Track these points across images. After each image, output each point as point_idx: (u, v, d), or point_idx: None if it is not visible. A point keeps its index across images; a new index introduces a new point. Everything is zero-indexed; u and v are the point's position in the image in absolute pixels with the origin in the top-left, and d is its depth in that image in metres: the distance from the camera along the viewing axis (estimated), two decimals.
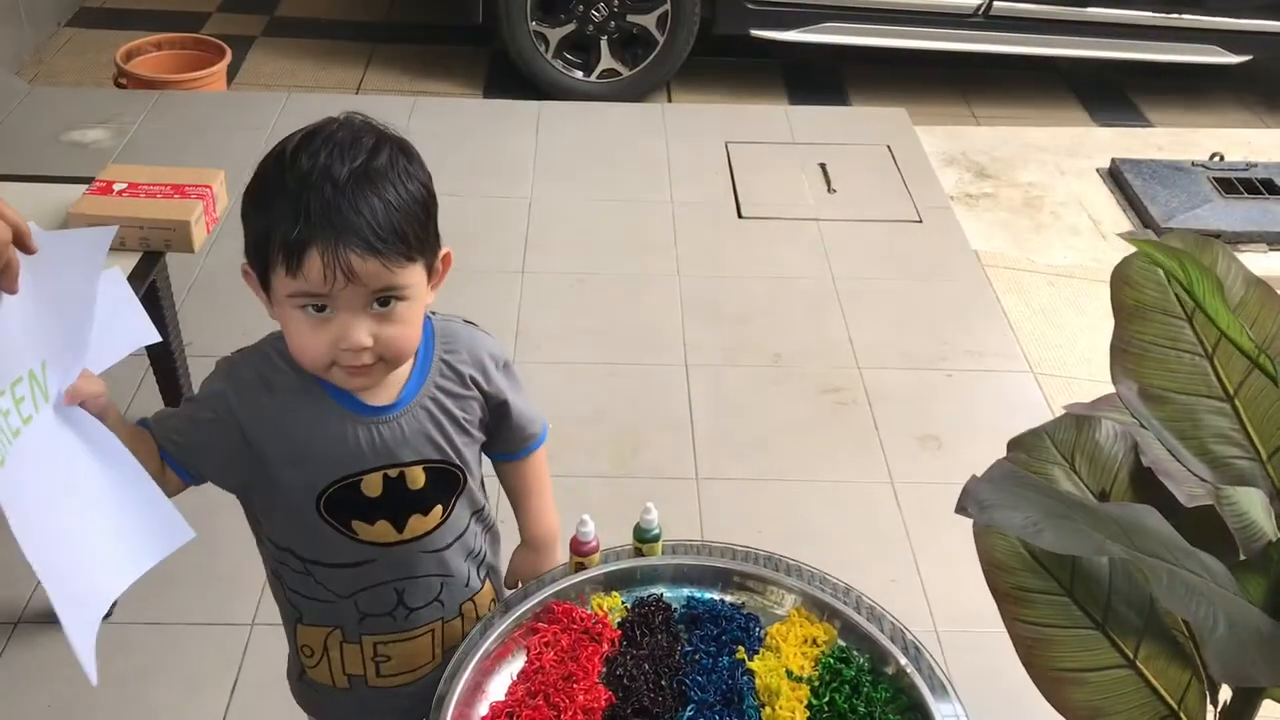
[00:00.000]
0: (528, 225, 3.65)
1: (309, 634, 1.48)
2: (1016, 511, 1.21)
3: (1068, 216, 3.96)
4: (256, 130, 4.04)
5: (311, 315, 1.21)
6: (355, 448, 1.34)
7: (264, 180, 1.22)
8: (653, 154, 4.07)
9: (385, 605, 1.45)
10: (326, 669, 1.50)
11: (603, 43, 4.68)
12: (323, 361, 1.24)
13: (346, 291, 1.19)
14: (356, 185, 1.18)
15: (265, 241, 1.19)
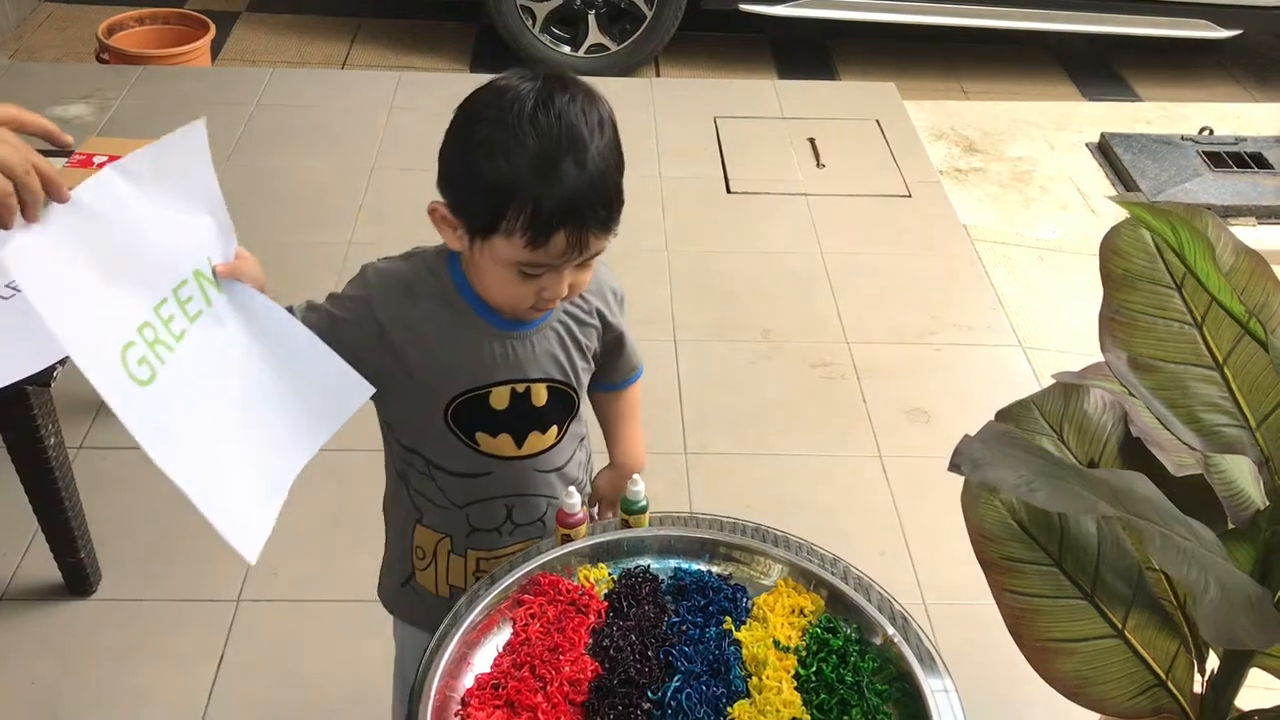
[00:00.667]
0: None
1: (426, 535, 1.56)
2: (1010, 470, 1.20)
3: (1057, 191, 3.95)
4: (241, 106, 4.01)
5: (525, 275, 1.31)
6: (489, 359, 1.42)
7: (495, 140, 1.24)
8: (641, 129, 4.05)
9: (494, 520, 1.53)
10: (433, 575, 1.58)
11: (590, 17, 4.64)
12: (525, 306, 1.36)
13: (570, 261, 1.29)
14: (594, 164, 1.25)
15: (502, 209, 1.24)
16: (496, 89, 1.28)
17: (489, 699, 1.30)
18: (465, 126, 1.28)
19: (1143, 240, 1.59)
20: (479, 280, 1.37)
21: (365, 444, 2.63)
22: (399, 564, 1.64)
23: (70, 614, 2.25)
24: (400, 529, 1.60)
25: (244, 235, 3.52)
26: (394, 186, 3.66)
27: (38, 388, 1.95)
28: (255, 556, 1.26)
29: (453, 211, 1.32)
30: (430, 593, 1.60)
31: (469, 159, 1.26)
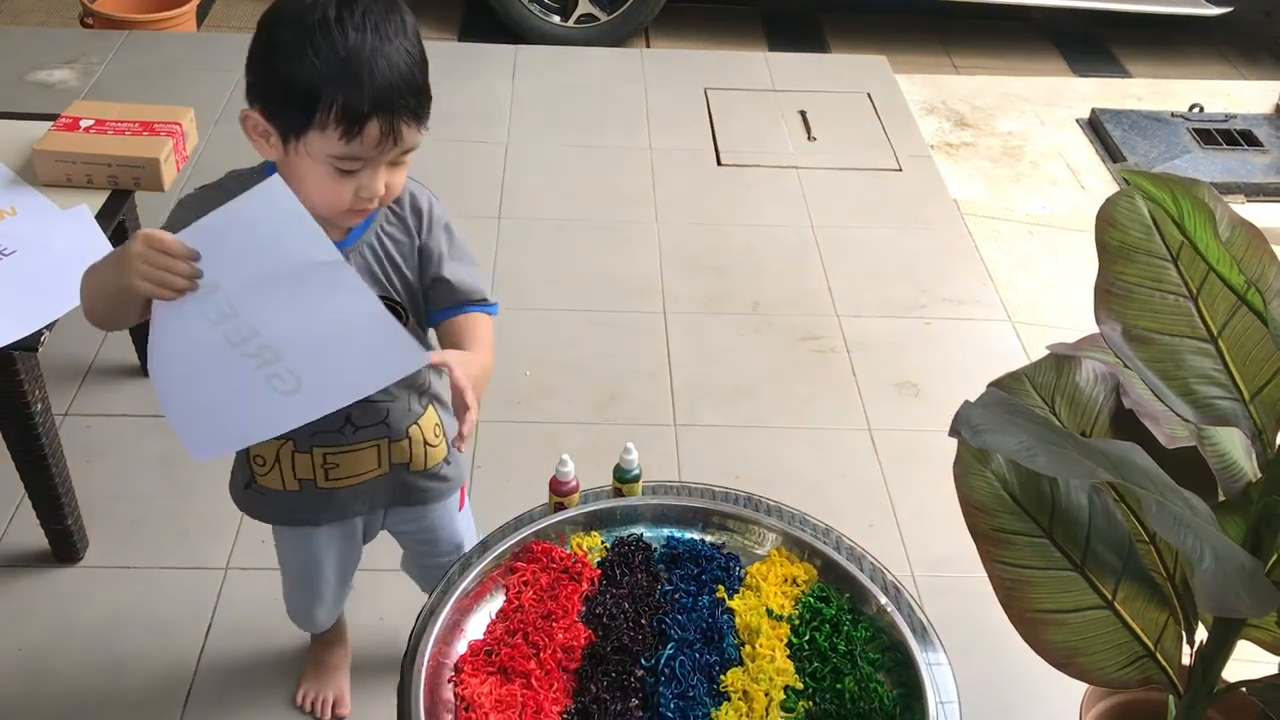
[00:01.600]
0: (504, 171, 3.61)
1: (263, 445, 1.60)
2: (1009, 436, 1.20)
3: (1047, 166, 3.95)
4: (227, 73, 3.96)
5: (340, 172, 1.34)
6: None
7: (303, 41, 1.29)
8: (631, 100, 4.02)
9: (334, 424, 1.57)
10: (278, 475, 1.64)
11: None
12: (343, 208, 1.38)
13: (384, 153, 1.33)
14: (400, 57, 1.31)
15: (311, 105, 1.29)
16: None
17: (482, 665, 1.31)
18: (269, 32, 1.33)
19: (1139, 212, 1.59)
20: (297, 186, 1.33)
21: None
22: (240, 471, 1.71)
23: (58, 581, 2.24)
24: None
25: None
26: None
27: (24, 353, 1.93)
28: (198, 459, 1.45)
29: (266, 117, 1.35)
30: (276, 490, 1.67)
31: (277, 62, 1.31)
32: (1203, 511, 1.34)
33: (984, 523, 1.57)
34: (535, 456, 2.57)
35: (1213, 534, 1.20)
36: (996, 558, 1.53)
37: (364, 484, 1.67)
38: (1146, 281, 1.54)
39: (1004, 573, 1.53)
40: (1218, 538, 1.20)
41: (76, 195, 2.17)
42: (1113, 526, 1.57)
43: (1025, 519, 1.59)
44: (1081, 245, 3.51)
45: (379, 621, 2.20)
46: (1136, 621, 1.53)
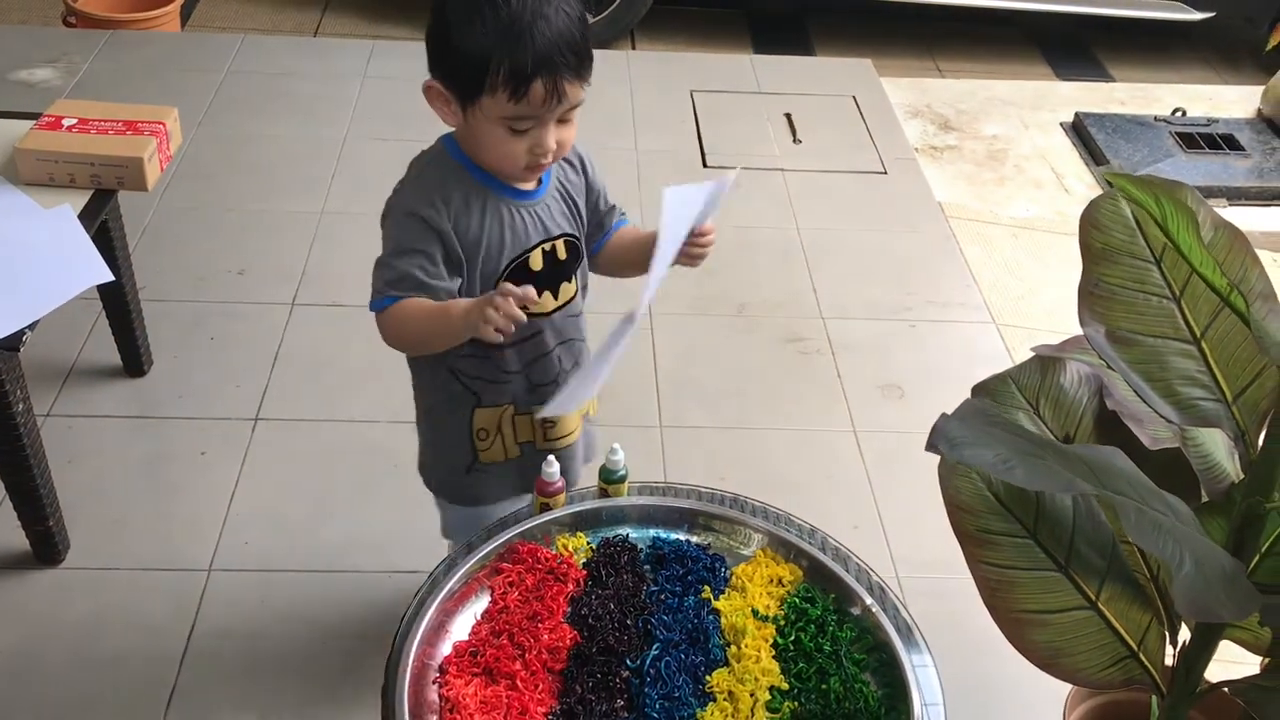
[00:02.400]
0: None
1: (486, 415, 1.72)
2: (987, 449, 1.20)
3: (1031, 169, 3.96)
4: (211, 73, 3.95)
5: (513, 131, 1.47)
6: (523, 228, 1.60)
7: (471, 12, 1.41)
8: (617, 102, 4.02)
9: (551, 372, 1.70)
10: (500, 445, 1.74)
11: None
12: (521, 164, 1.52)
13: (551, 110, 1.45)
14: (559, 19, 1.43)
15: (482, 70, 1.42)
16: None
17: (467, 667, 1.30)
18: (441, 7, 1.46)
19: (1122, 214, 1.59)
20: (478, 148, 1.53)
21: (334, 416, 2.63)
22: (456, 456, 1.77)
23: (39, 583, 2.22)
24: (454, 424, 1.73)
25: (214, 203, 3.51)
26: (367, 155, 3.63)
27: (5, 353, 1.92)
28: None
29: (445, 86, 1.48)
30: (498, 462, 1.76)
31: (450, 34, 1.44)
32: (1184, 514, 1.35)
33: (968, 523, 1.58)
34: None
35: (1193, 538, 1.20)
36: (981, 558, 1.53)
37: (574, 443, 1.81)
38: (1130, 283, 1.55)
39: (989, 573, 1.53)
40: (1198, 541, 1.21)
41: (59, 195, 2.16)
42: (1096, 527, 1.57)
43: (1010, 519, 1.59)
44: (1065, 248, 3.52)
45: (363, 623, 2.19)
46: (1120, 622, 1.54)
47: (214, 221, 3.25)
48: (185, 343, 2.81)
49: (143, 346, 2.66)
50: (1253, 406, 1.43)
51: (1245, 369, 1.45)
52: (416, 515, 2.40)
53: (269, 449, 2.56)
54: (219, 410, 2.64)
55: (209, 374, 2.73)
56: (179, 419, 2.61)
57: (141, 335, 2.65)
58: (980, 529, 1.56)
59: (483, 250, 1.57)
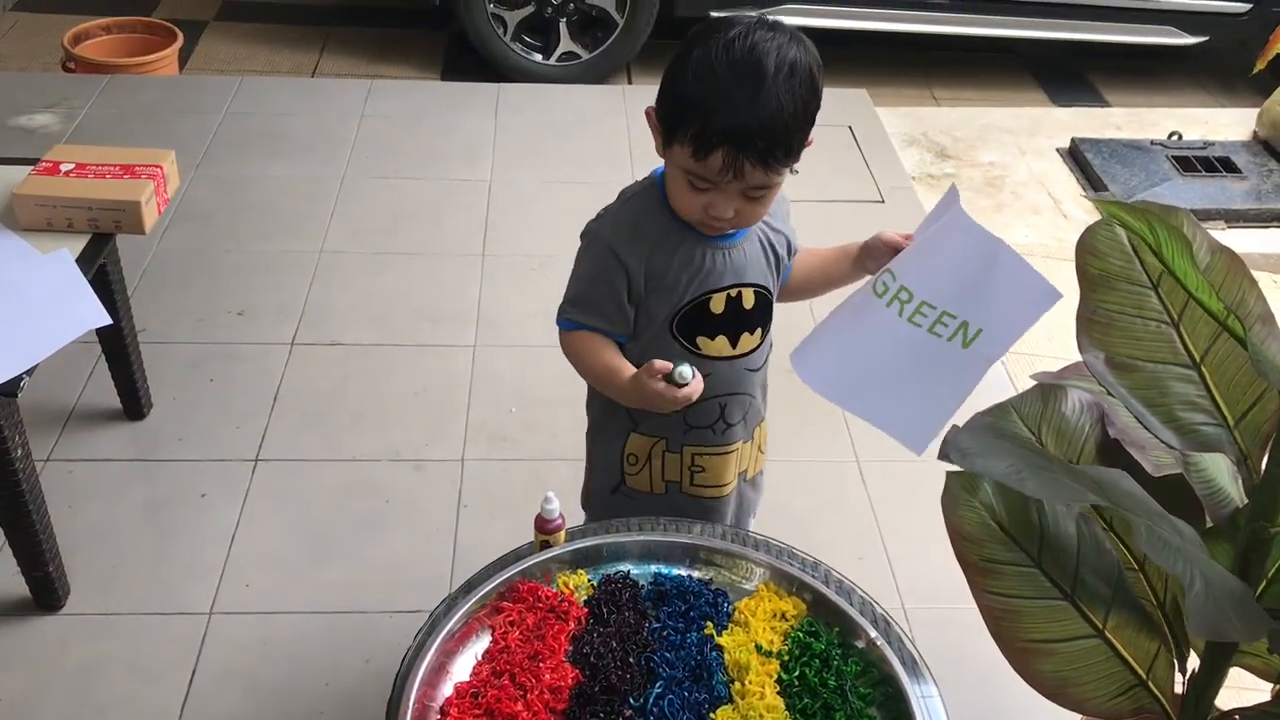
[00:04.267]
0: (488, 208, 3.61)
1: (639, 443, 1.73)
2: (998, 460, 1.20)
3: (1028, 196, 3.97)
4: (209, 115, 3.97)
5: (692, 185, 1.48)
6: (710, 268, 1.60)
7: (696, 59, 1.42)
8: (614, 136, 4.04)
9: (708, 418, 1.69)
10: (647, 476, 1.74)
11: (561, 25, 4.63)
12: (695, 217, 1.53)
13: (733, 186, 1.46)
14: (771, 102, 1.40)
15: (681, 119, 1.44)
16: (720, 20, 1.46)
17: (469, 708, 1.29)
18: (687, 43, 1.47)
19: (1119, 240, 1.59)
20: (670, 187, 1.54)
21: (334, 456, 2.62)
22: (606, 474, 1.79)
23: (39, 629, 2.21)
24: (610, 443, 1.76)
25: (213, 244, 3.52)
26: (366, 194, 3.64)
27: (3, 398, 1.91)
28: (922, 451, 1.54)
29: (657, 116, 1.51)
30: (644, 492, 1.76)
31: (673, 73, 1.46)
32: (1191, 538, 1.34)
33: (973, 553, 1.57)
34: (522, 493, 2.56)
35: (1203, 559, 1.19)
36: (986, 588, 1.53)
37: (725, 498, 1.79)
38: (1128, 309, 1.54)
39: (994, 603, 1.52)
40: (1207, 563, 1.20)
41: (57, 239, 2.16)
42: (1101, 555, 1.56)
43: (1014, 548, 1.58)
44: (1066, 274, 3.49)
45: (365, 664, 2.17)
46: (1128, 650, 1.52)
47: (213, 263, 3.25)
48: (185, 385, 2.81)
49: (142, 389, 2.65)
50: (1254, 430, 1.42)
51: (1246, 393, 1.45)
52: (417, 554, 2.40)
53: (269, 490, 2.55)
54: (219, 452, 2.63)
55: (209, 416, 2.72)
56: (179, 461, 2.60)
57: (141, 378, 2.64)
58: (985, 558, 1.55)
59: (666, 285, 1.59)
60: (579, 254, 1.64)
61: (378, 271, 3.28)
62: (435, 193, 3.66)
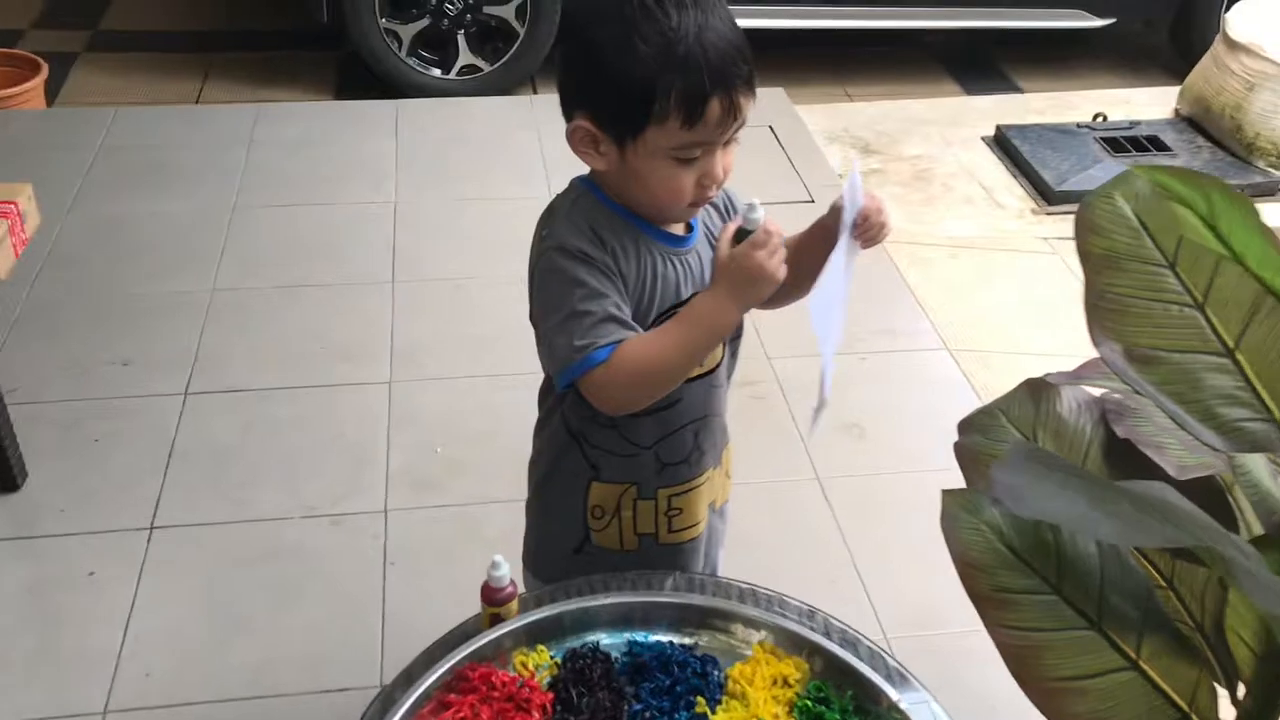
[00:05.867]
0: (395, 231, 3.35)
1: (604, 492, 1.49)
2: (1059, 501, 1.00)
3: (959, 187, 3.83)
4: (80, 150, 3.65)
5: (680, 162, 1.29)
6: (674, 279, 1.40)
7: (627, 33, 1.25)
8: (525, 148, 3.81)
9: (683, 450, 1.49)
10: (616, 531, 1.51)
11: (460, 37, 4.40)
12: (687, 199, 1.33)
13: (726, 131, 1.30)
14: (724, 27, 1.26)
15: (648, 98, 1.25)
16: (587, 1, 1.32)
17: None
18: (583, 35, 1.31)
19: (1122, 214, 1.40)
20: (636, 188, 1.34)
21: (241, 517, 2.34)
22: (566, 534, 1.54)
23: None
24: (567, 497, 1.52)
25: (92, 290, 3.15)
26: (260, 225, 3.35)
27: None
28: None
29: (597, 125, 1.30)
30: (613, 550, 1.52)
31: (603, 63, 1.27)
32: (1252, 555, 1.15)
33: (983, 583, 1.38)
34: (455, 546, 2.31)
35: None
36: (1002, 622, 1.34)
37: (698, 537, 1.57)
38: (1142, 292, 1.36)
39: (1012, 638, 1.33)
40: None
41: None
42: (1128, 574, 1.38)
43: (1029, 574, 1.40)
44: (1008, 265, 3.38)
45: None
46: (1166, 681, 1.34)
47: (92, 310, 2.94)
48: (65, 448, 2.50)
49: (14, 457, 2.35)
50: None
51: None
52: (341, 623, 2.13)
53: (167, 562, 2.26)
54: (107, 522, 2.33)
55: (93, 482, 2.42)
56: (62, 536, 2.30)
57: (12, 444, 2.34)
58: (997, 588, 1.36)
59: (634, 298, 1.37)
60: (545, 281, 1.36)
61: (278, 308, 3.00)
62: (337, 218, 3.39)
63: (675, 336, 1.33)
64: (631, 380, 1.31)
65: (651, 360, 1.31)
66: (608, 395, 1.33)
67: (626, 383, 1.31)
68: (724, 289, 1.31)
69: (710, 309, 1.32)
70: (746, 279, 1.30)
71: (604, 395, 1.33)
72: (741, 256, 1.29)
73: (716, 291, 1.32)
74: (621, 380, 1.31)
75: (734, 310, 1.33)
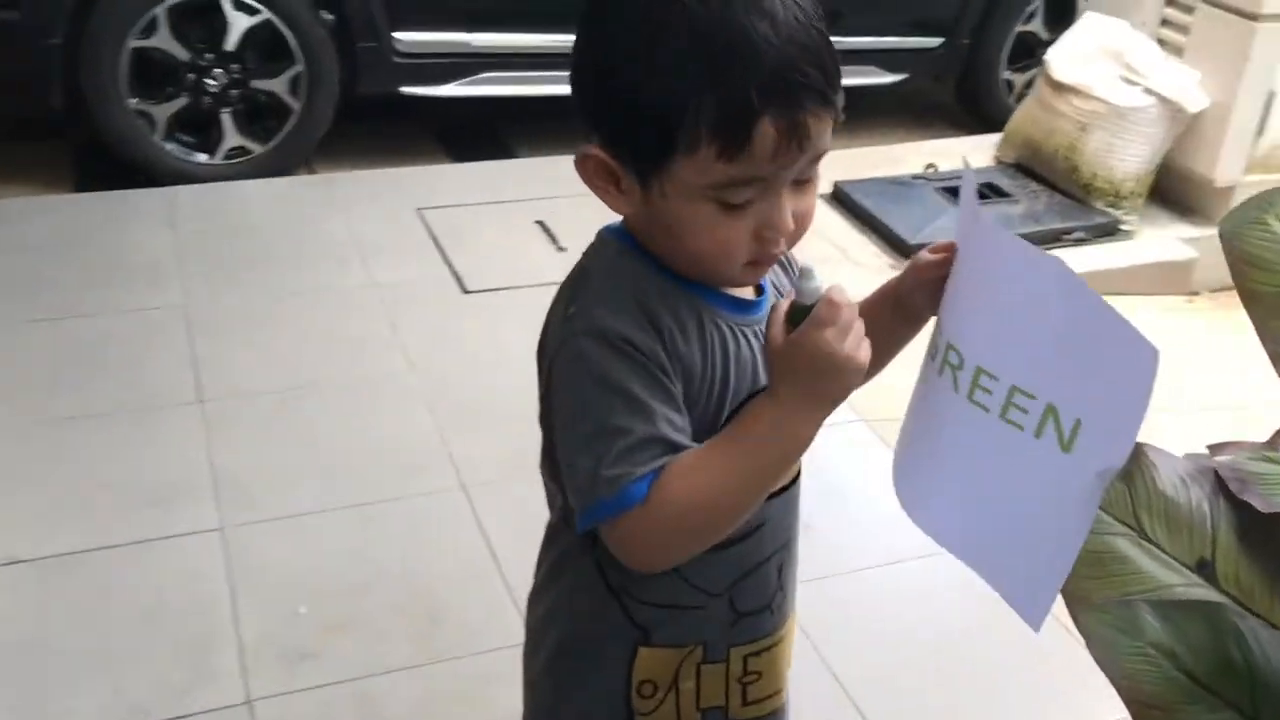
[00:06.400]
0: (191, 339, 2.76)
1: (656, 660, 1.11)
2: None
3: (810, 248, 3.52)
4: None
5: (727, 207, 0.96)
6: (749, 358, 1.05)
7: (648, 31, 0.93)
8: (333, 231, 3.30)
9: (765, 594, 1.14)
10: (672, 709, 1.14)
11: (225, 116, 3.83)
12: (742, 258, 1.00)
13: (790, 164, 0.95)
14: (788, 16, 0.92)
15: (672, 118, 0.92)
16: None
17: None
18: (597, 32, 0.98)
19: None
20: (671, 238, 1.00)
21: None
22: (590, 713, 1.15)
23: None
24: (601, 672, 1.13)
25: None
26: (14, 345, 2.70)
27: None
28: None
29: (612, 153, 0.97)
30: None
31: (615, 71, 0.96)
32: None
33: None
34: None
35: None
36: None
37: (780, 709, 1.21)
38: None
39: None
40: None
41: None
42: None
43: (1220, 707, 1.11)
44: None
45: None
46: None
47: None
48: None
49: None
50: None
51: None
52: None
53: None
54: None
55: None
56: None
57: None
58: None
59: (703, 391, 1.01)
60: (571, 377, 0.99)
61: (53, 447, 2.36)
62: (114, 329, 2.78)
63: (736, 460, 0.97)
64: (679, 525, 0.96)
65: (707, 496, 0.96)
66: (643, 545, 0.98)
67: (672, 528, 0.97)
68: (789, 389, 0.96)
69: (776, 419, 0.96)
70: (816, 372, 0.95)
71: (637, 546, 0.98)
72: (807, 343, 0.93)
73: (779, 395, 0.96)
74: (666, 525, 0.96)
75: (809, 415, 0.97)
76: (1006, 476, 1.01)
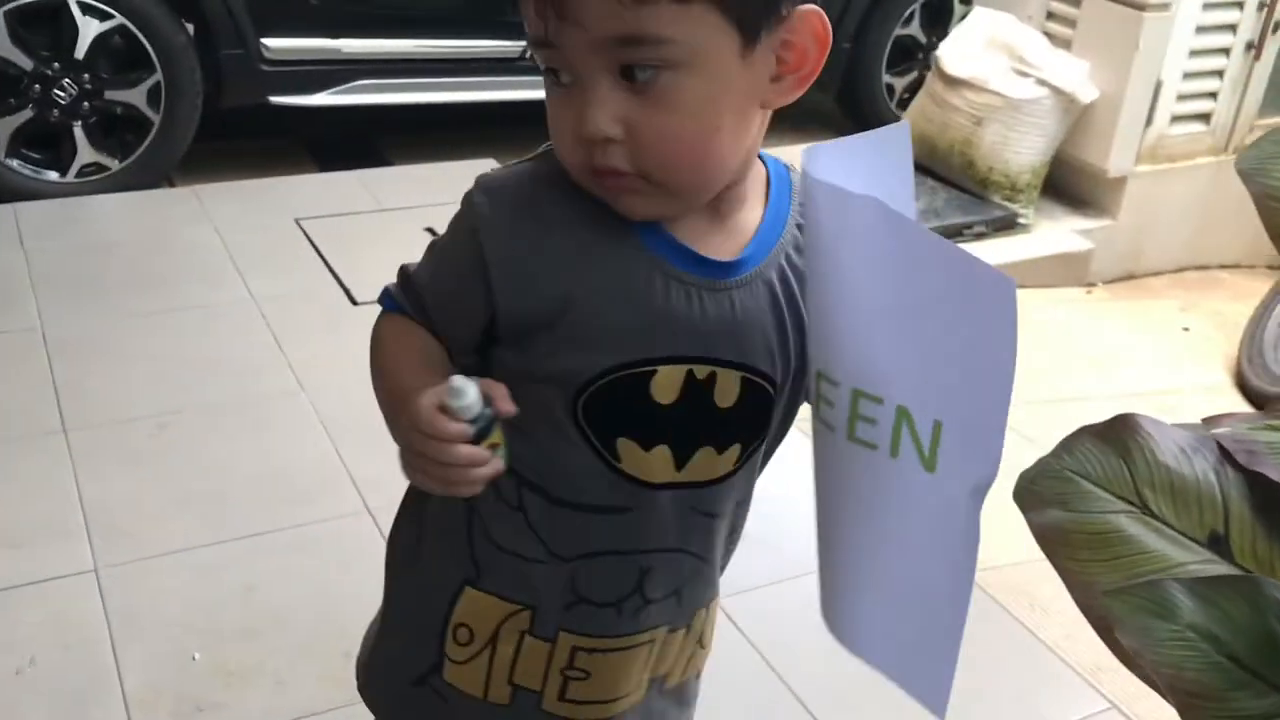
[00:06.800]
0: (50, 364, 2.48)
1: (480, 605, 1.00)
2: None
3: None
4: None
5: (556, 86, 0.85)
6: (664, 316, 0.90)
7: None
8: (203, 246, 3.06)
9: (614, 589, 1.00)
10: (483, 670, 1.02)
11: (77, 130, 3.53)
12: (577, 157, 0.86)
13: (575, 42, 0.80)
14: None
15: None
16: None
17: None
18: None
19: None
20: None
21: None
22: (414, 650, 1.05)
23: None
24: (427, 595, 1.03)
25: None
26: None
27: None
28: None
29: None
30: (471, 696, 1.04)
31: None
32: None
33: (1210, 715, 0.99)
34: None
35: None
36: None
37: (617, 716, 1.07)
38: None
39: None
40: None
41: None
42: None
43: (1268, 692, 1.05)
44: None
45: None
46: None
47: None
48: None
49: None
50: None
51: None
52: None
53: None
54: None
55: None
56: None
57: None
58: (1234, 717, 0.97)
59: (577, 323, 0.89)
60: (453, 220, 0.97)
61: None
62: None
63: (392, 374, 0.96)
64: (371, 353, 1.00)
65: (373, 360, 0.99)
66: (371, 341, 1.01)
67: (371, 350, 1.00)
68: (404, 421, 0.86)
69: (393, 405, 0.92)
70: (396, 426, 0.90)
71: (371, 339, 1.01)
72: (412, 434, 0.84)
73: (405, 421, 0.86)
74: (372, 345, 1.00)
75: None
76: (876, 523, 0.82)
